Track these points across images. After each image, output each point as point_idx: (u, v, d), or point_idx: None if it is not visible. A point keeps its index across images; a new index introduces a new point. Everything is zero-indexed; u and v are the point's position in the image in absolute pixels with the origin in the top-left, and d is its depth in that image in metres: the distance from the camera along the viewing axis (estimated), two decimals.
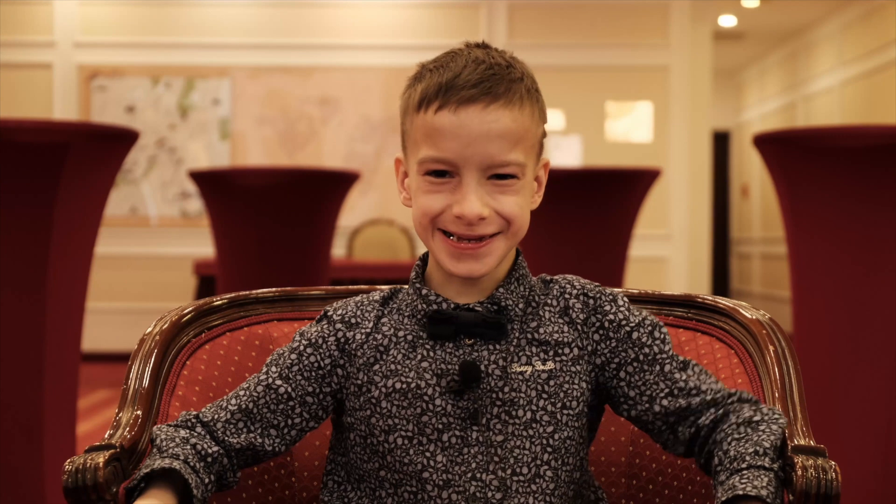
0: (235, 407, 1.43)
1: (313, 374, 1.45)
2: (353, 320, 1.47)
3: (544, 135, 1.47)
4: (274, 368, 1.46)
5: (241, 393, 1.45)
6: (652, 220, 8.72)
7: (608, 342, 1.44)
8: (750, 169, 13.17)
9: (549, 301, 1.46)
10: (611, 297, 1.47)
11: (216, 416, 1.43)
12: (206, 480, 1.36)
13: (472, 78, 1.38)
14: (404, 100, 1.45)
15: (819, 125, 9.88)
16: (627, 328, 1.45)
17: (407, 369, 1.42)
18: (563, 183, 5.07)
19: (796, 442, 1.37)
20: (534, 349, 1.42)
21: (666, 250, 9.13)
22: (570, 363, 1.43)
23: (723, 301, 1.63)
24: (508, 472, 1.40)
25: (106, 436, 1.40)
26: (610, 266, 5.28)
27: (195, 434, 1.40)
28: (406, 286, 1.51)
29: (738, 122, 14.01)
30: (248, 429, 1.43)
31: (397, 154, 1.51)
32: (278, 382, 1.44)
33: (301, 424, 1.46)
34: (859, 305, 3.51)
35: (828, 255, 3.58)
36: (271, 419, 1.44)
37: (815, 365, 3.53)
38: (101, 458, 1.31)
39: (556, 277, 1.50)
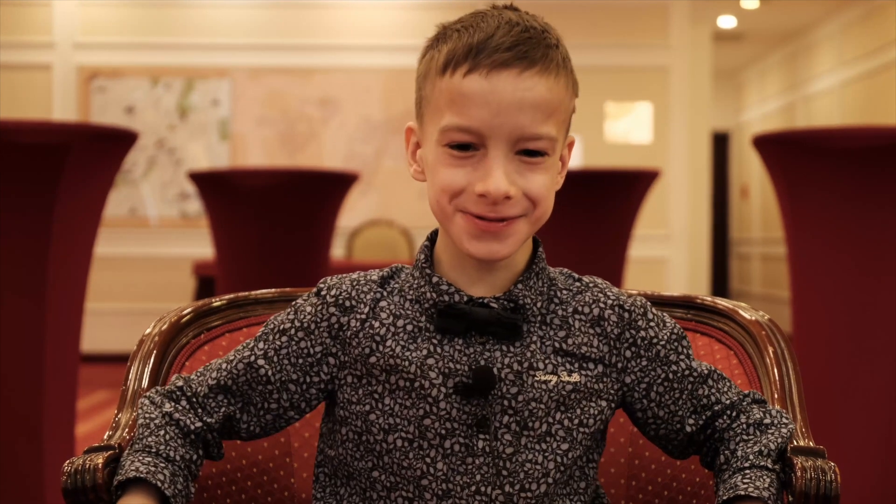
0: (214, 382, 1.36)
1: (300, 360, 1.35)
2: (347, 303, 1.35)
3: (574, 110, 1.35)
4: (261, 345, 1.37)
5: (224, 366, 1.37)
6: (652, 221, 8.73)
7: (639, 360, 1.36)
8: (749, 169, 13.17)
9: (579, 308, 1.36)
10: (642, 309, 1.38)
11: (198, 390, 1.36)
12: (195, 457, 1.32)
13: (506, 40, 1.25)
14: (424, 62, 1.32)
15: (819, 126, 9.89)
16: (658, 346, 1.36)
17: (407, 363, 1.31)
18: (562, 184, 5.06)
19: (796, 443, 1.37)
20: (559, 359, 1.33)
21: (666, 251, 9.13)
22: (594, 379, 1.34)
23: (722, 302, 1.62)
24: (517, 487, 1.30)
25: (105, 437, 1.40)
26: (610, 266, 5.28)
27: (179, 408, 1.34)
28: (407, 266, 1.40)
29: (738, 123, 14.01)
30: (229, 402, 1.36)
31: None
32: (261, 362, 1.35)
33: (277, 410, 1.37)
34: (859, 306, 3.51)
35: (827, 256, 3.57)
36: (251, 396, 1.36)
37: (814, 365, 3.53)
38: (99, 459, 1.31)
39: (585, 280, 1.40)
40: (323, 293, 1.38)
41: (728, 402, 1.38)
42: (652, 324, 1.38)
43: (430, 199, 1.32)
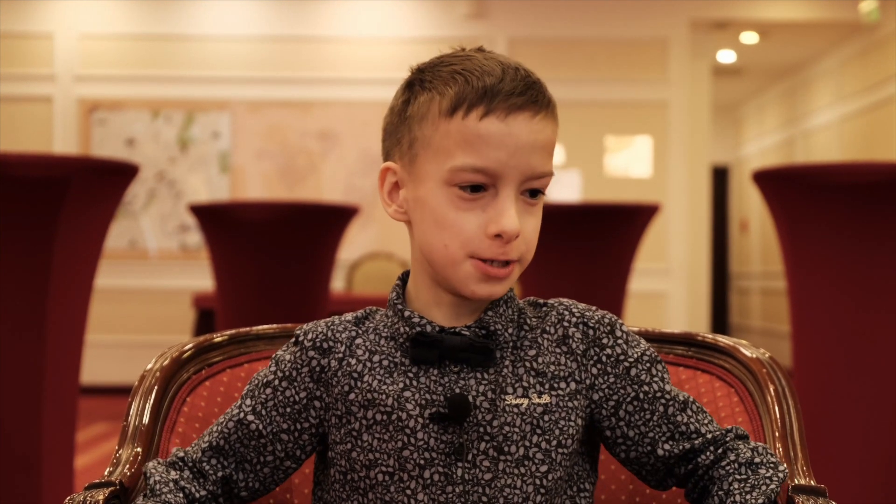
0: (207, 445, 1.38)
1: (288, 409, 1.37)
2: (324, 345, 1.38)
3: None
4: (248, 401, 1.39)
5: (215, 428, 1.39)
6: (651, 255, 8.73)
7: (606, 377, 1.36)
8: (749, 203, 13.20)
9: (546, 328, 1.38)
10: (609, 327, 1.38)
11: (195, 456, 1.38)
12: None
13: (517, 85, 1.31)
14: (419, 105, 1.36)
15: (818, 161, 9.91)
16: (626, 363, 1.36)
17: (384, 396, 1.32)
18: (562, 218, 5.07)
19: (797, 482, 1.36)
20: (531, 380, 1.34)
21: (665, 285, 9.13)
22: (566, 398, 1.34)
23: (722, 339, 1.62)
24: None
25: (106, 473, 1.40)
26: (609, 301, 5.28)
27: (184, 478, 1.35)
28: (381, 308, 1.42)
29: (737, 157, 14.05)
30: (222, 465, 1.38)
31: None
32: (250, 418, 1.37)
33: (274, 462, 1.38)
34: (859, 340, 3.51)
35: (827, 290, 3.58)
36: (245, 454, 1.38)
37: (814, 401, 3.53)
38: (100, 496, 1.31)
39: (550, 301, 1.41)
40: (300, 339, 1.40)
41: (710, 436, 1.37)
42: (619, 341, 1.38)
43: (433, 243, 1.33)
